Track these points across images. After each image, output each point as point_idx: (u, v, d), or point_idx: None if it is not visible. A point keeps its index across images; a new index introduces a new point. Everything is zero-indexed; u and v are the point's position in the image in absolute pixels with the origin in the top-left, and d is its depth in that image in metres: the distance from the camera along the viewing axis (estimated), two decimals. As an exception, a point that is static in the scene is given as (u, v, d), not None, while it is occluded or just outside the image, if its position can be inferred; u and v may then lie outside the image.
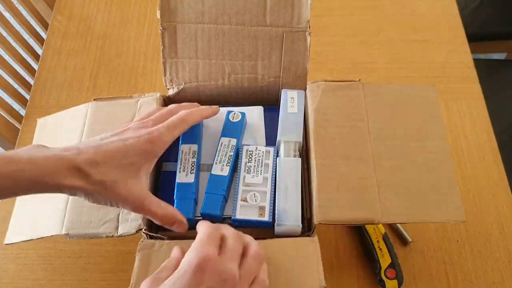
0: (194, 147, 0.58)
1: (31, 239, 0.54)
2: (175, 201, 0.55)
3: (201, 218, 0.54)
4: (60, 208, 0.54)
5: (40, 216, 0.56)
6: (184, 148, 0.58)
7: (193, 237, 0.43)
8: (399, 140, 0.54)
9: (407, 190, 0.50)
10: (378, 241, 0.63)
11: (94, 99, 0.61)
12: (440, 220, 0.49)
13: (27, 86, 0.98)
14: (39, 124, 0.65)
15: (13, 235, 0.58)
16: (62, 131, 0.62)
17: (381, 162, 0.52)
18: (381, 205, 0.49)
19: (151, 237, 0.52)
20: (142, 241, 0.50)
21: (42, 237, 0.53)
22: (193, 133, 0.59)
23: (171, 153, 0.60)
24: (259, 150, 0.58)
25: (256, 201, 0.54)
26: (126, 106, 0.60)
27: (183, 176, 0.56)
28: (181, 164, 0.57)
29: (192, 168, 0.56)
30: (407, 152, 0.53)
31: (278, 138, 0.58)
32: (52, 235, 0.52)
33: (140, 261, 0.48)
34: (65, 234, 0.52)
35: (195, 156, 0.57)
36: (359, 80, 0.58)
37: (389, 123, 0.55)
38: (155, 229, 0.57)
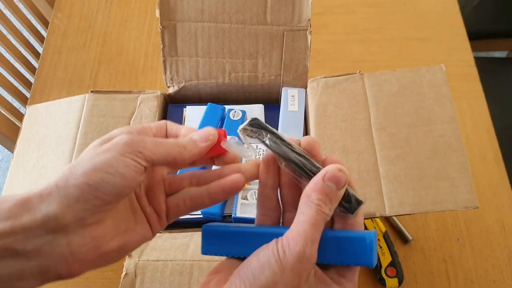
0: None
1: None
2: None
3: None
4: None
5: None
6: None
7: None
8: (404, 127, 0.53)
9: (413, 179, 0.49)
10: (378, 239, 0.63)
11: (91, 91, 0.60)
12: (449, 208, 0.48)
13: (27, 84, 0.98)
14: (28, 112, 0.64)
15: None
16: (55, 121, 0.60)
17: (385, 152, 0.52)
18: (385, 197, 0.49)
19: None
20: None
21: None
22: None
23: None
24: (259, 148, 0.58)
25: (256, 199, 0.54)
26: (125, 101, 0.60)
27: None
28: None
29: None
30: (413, 139, 0.52)
31: (278, 137, 0.58)
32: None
33: None
34: None
35: None
36: (359, 71, 0.57)
37: (393, 111, 0.54)
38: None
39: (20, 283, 0.27)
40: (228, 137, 0.35)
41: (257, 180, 0.57)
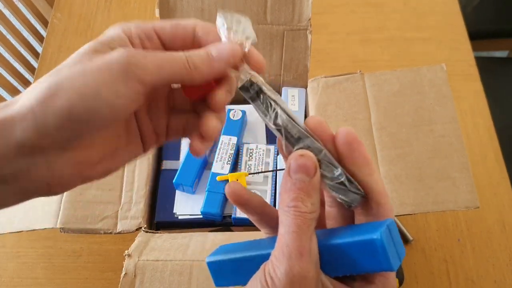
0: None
1: (21, 231, 0.53)
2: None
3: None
4: (54, 201, 0.53)
5: (31, 207, 0.55)
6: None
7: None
8: (404, 127, 0.53)
9: (413, 179, 0.49)
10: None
11: None
12: (449, 208, 0.47)
13: (27, 84, 0.98)
14: None
15: None
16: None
17: (386, 152, 0.52)
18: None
19: (151, 236, 0.51)
20: (142, 231, 0.50)
21: (34, 230, 0.52)
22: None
23: (170, 151, 0.60)
24: (259, 149, 0.58)
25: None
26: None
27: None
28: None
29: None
30: (414, 139, 0.52)
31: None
32: (45, 229, 0.52)
33: (139, 240, 0.48)
34: (60, 228, 0.51)
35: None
36: (360, 71, 0.57)
37: (394, 110, 0.54)
38: (156, 228, 0.57)
39: None
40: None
41: (259, 180, 0.57)
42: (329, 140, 0.26)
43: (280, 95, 0.62)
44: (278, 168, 0.56)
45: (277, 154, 0.57)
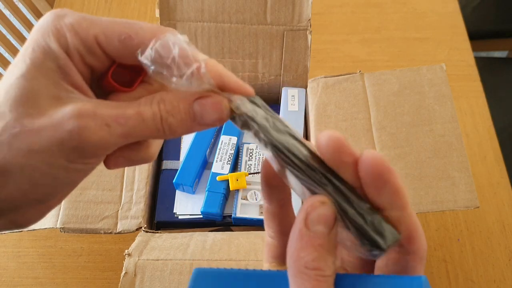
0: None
1: (21, 231, 0.53)
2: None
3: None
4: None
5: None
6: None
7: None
8: (404, 126, 0.53)
9: (413, 179, 0.50)
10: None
11: None
12: (449, 207, 0.48)
13: (27, 84, 0.98)
14: None
15: None
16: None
17: (385, 152, 0.52)
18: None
19: (151, 236, 0.52)
20: (142, 231, 0.50)
21: (34, 229, 0.53)
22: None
23: (170, 151, 0.60)
24: (259, 149, 0.58)
25: (256, 200, 0.54)
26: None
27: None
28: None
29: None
30: (413, 138, 0.52)
31: (278, 136, 0.58)
32: (45, 228, 0.52)
33: (139, 240, 0.48)
34: (60, 228, 0.52)
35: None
36: (360, 71, 0.57)
37: (394, 110, 0.54)
38: (156, 227, 0.58)
39: None
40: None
41: (259, 180, 0.57)
42: (348, 165, 0.21)
43: (280, 95, 0.62)
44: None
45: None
